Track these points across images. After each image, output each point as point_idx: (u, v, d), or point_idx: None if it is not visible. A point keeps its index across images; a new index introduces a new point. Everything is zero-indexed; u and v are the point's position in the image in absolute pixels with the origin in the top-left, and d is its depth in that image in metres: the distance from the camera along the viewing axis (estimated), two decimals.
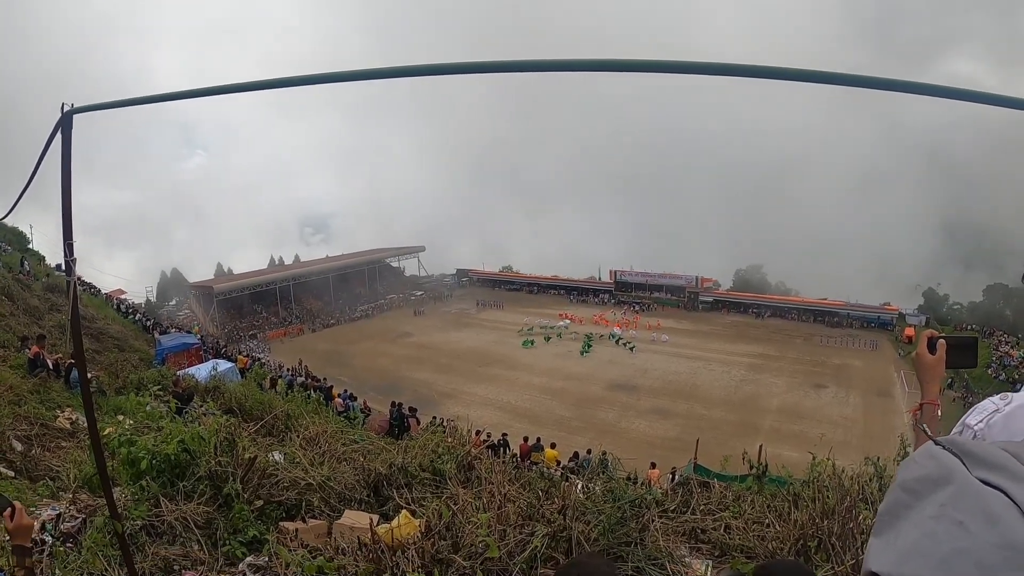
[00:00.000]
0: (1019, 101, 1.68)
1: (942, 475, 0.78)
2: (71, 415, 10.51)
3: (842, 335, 62.07)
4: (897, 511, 0.81)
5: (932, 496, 0.78)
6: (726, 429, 35.00)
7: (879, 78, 1.72)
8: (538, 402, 42.10)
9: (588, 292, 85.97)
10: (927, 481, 0.80)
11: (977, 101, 1.73)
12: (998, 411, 1.62)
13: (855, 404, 41.92)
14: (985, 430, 1.61)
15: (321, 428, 8.00)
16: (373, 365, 52.04)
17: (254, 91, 2.39)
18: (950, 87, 1.70)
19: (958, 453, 0.80)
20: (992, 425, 1.60)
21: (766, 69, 1.77)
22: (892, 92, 1.77)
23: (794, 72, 1.80)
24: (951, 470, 0.78)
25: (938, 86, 1.73)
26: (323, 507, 5.73)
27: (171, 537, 4.92)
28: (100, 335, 26.03)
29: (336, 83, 2.22)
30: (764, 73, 1.76)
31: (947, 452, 0.81)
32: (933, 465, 0.81)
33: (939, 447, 0.82)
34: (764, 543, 5.12)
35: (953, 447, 0.81)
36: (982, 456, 0.78)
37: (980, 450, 0.79)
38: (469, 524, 4.63)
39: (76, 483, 6.12)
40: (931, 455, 0.82)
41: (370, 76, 2.14)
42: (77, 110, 2.84)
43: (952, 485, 0.76)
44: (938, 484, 0.78)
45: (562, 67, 1.97)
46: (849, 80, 1.74)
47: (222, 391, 15.32)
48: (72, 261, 3.16)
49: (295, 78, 2.21)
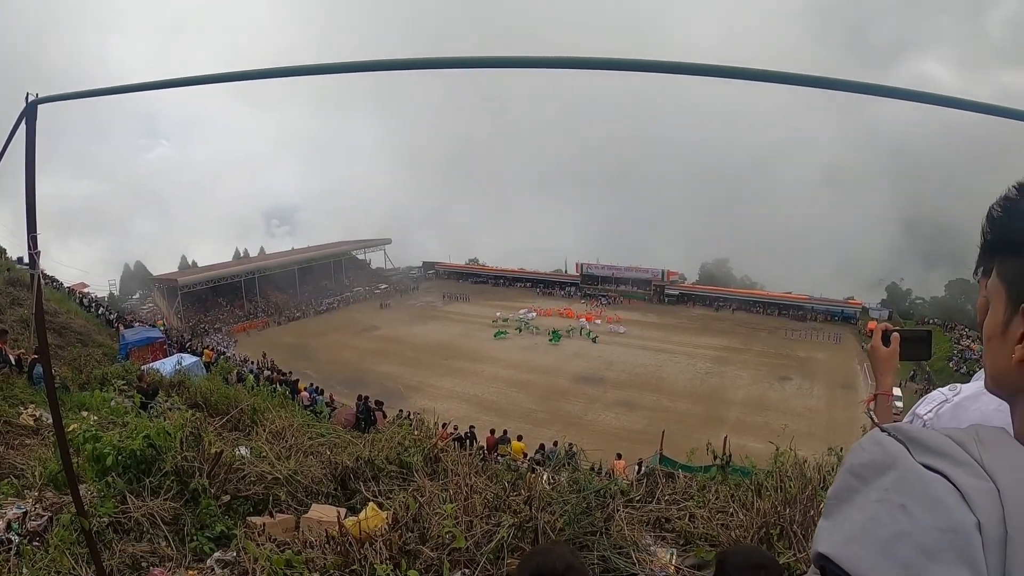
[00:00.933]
0: (984, 106, 1.76)
1: (886, 461, 0.81)
2: (35, 412, 10.32)
3: (806, 328, 62.83)
4: (844, 495, 0.83)
5: (877, 481, 0.80)
6: (692, 421, 35.33)
7: (848, 81, 1.78)
8: (505, 395, 42.11)
9: (554, 285, 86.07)
10: (872, 466, 0.82)
11: (942, 104, 1.81)
12: (947, 401, 1.65)
13: (819, 396, 42.46)
14: (934, 419, 1.64)
15: (287, 422, 7.95)
16: (339, 358, 51.68)
17: (222, 83, 2.40)
18: (917, 91, 1.76)
19: (903, 439, 0.82)
20: (941, 415, 1.63)
21: (738, 70, 1.81)
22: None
23: (766, 73, 1.85)
24: (895, 456, 0.80)
25: (905, 89, 1.79)
26: (290, 501, 5.71)
27: (138, 534, 4.89)
28: (63, 330, 25.63)
29: (301, 76, 2.24)
30: (735, 74, 1.81)
31: (892, 438, 0.83)
32: (878, 451, 0.83)
33: (884, 433, 0.85)
34: (728, 531, 5.21)
35: (898, 434, 0.83)
36: (925, 442, 0.80)
37: (924, 436, 0.82)
38: (436, 516, 4.66)
39: (42, 481, 6.03)
40: (877, 441, 0.85)
41: (338, 70, 2.17)
42: (42, 100, 2.82)
43: (895, 470, 0.79)
44: (882, 469, 0.80)
45: (530, 64, 2.01)
46: (818, 82, 1.79)
47: (187, 385, 15.13)
48: (36, 254, 3.14)
49: (263, 71, 2.21)
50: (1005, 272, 0.94)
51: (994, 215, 0.96)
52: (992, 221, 0.97)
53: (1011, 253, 0.93)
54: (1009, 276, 0.94)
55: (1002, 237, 0.95)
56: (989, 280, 0.99)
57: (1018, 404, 0.95)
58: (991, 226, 0.97)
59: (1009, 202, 0.95)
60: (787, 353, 54.60)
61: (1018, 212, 0.93)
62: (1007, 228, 0.94)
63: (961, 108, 1.84)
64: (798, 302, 71.41)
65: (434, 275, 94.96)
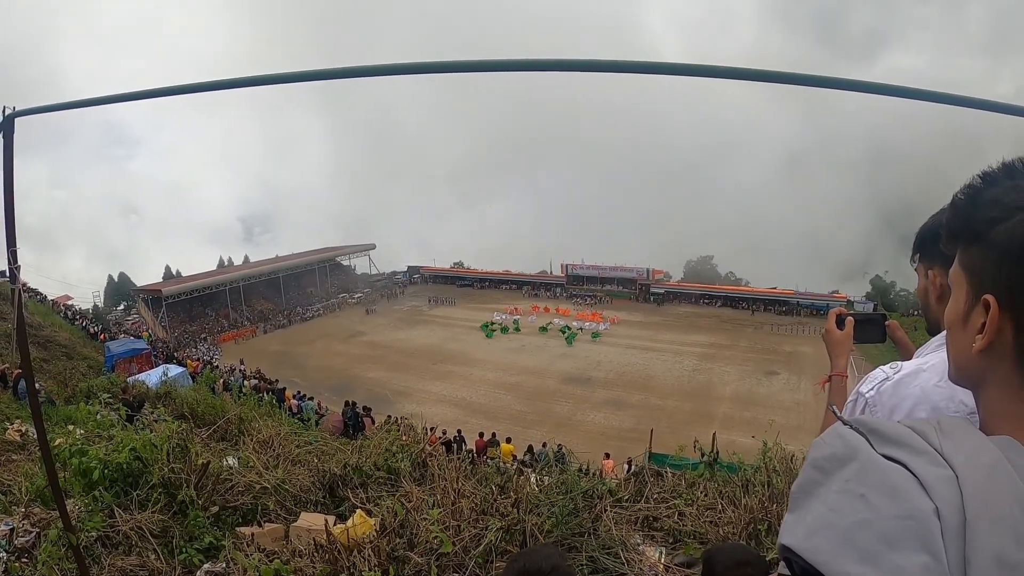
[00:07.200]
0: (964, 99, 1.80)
1: (847, 453, 0.82)
2: (20, 427, 10.28)
3: (792, 323, 62.77)
4: (807, 488, 0.84)
5: (838, 473, 0.81)
6: (680, 418, 35.32)
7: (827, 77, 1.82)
8: (493, 397, 41.92)
9: (540, 286, 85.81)
10: (834, 459, 0.83)
11: (921, 99, 1.85)
12: (888, 379, 1.69)
13: (806, 389, 42.36)
14: (876, 397, 1.67)
15: (275, 431, 7.92)
16: (326, 365, 51.32)
17: (202, 92, 2.41)
18: (895, 85, 1.80)
19: (864, 431, 0.83)
20: (882, 392, 1.67)
21: (719, 69, 1.84)
22: None
23: (743, 72, 1.89)
24: (856, 448, 0.82)
25: (884, 84, 1.82)
26: (279, 510, 5.71)
27: (127, 547, 4.88)
28: (47, 343, 25.49)
29: (282, 84, 2.25)
30: (715, 73, 1.84)
31: (853, 431, 0.85)
32: (840, 444, 0.84)
33: (846, 426, 0.86)
34: (716, 528, 5.25)
35: (860, 426, 0.85)
36: (886, 433, 0.82)
37: (884, 428, 0.83)
38: (423, 521, 4.68)
39: (28, 496, 5.99)
40: (838, 434, 0.86)
41: (324, 76, 2.19)
42: (19, 113, 2.81)
43: (856, 461, 0.80)
44: (844, 461, 0.81)
45: (510, 67, 2.04)
46: (797, 79, 1.83)
47: (173, 396, 15.04)
48: (16, 268, 3.13)
49: (244, 79, 2.24)
50: (967, 261, 0.95)
51: (957, 203, 0.96)
52: (955, 208, 0.97)
53: (973, 242, 0.93)
54: (970, 265, 0.94)
55: (965, 225, 0.95)
56: (951, 268, 0.99)
57: (981, 393, 0.96)
58: (954, 213, 0.97)
59: (973, 190, 0.94)
60: (773, 348, 54.69)
61: (981, 200, 0.92)
62: (970, 217, 0.93)
63: (938, 102, 1.88)
64: (783, 297, 71.61)
65: (419, 279, 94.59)
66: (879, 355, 3.07)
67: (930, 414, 1.53)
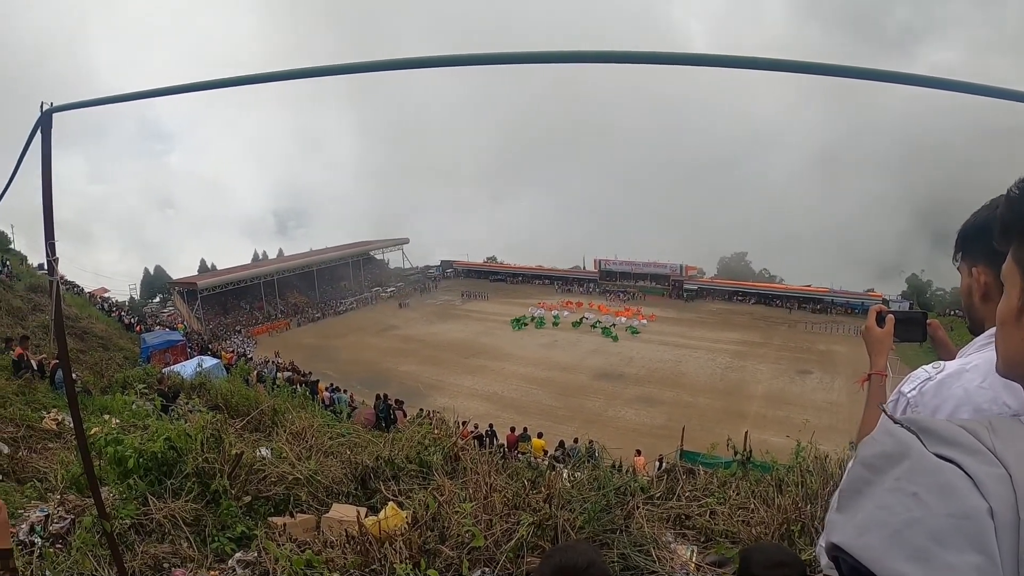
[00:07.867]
0: (1000, 90, 1.73)
1: (899, 451, 0.81)
2: (57, 416, 10.42)
3: (826, 321, 62.19)
4: (857, 487, 0.84)
5: (890, 471, 0.80)
6: (712, 416, 35.11)
7: (866, 69, 1.75)
8: (524, 392, 42.00)
9: (573, 282, 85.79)
10: (885, 457, 0.82)
11: (961, 91, 1.77)
12: (930, 379, 1.67)
13: (840, 389, 41.91)
14: (918, 396, 1.66)
15: (308, 423, 7.96)
16: (359, 358, 51.77)
17: (235, 87, 2.39)
18: (933, 76, 1.73)
19: (915, 430, 0.82)
20: (925, 392, 1.65)
21: (754, 60, 1.79)
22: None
23: (785, 63, 1.83)
24: (908, 446, 0.81)
25: (922, 76, 1.75)
26: (311, 501, 5.74)
27: (160, 535, 4.93)
28: (84, 334, 25.87)
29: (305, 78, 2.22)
30: (751, 64, 1.79)
31: (904, 429, 0.83)
32: (891, 442, 0.83)
33: (897, 425, 0.85)
34: (748, 528, 5.18)
35: (911, 424, 0.83)
36: (938, 432, 0.81)
37: (936, 426, 0.82)
38: (455, 514, 4.66)
39: (64, 484, 6.09)
40: (889, 432, 0.85)
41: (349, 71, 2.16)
42: (57, 108, 2.82)
43: (908, 460, 0.79)
44: (895, 460, 0.81)
45: (542, 59, 1.99)
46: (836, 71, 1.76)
47: (208, 388, 15.24)
48: (54, 260, 3.15)
49: (275, 73, 2.20)
50: (1021, 256, 0.93)
51: (1013, 197, 0.94)
52: (1011, 203, 0.94)
53: None
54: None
55: (1020, 220, 0.93)
56: (1003, 264, 0.97)
57: None
58: (1009, 208, 0.95)
59: None
60: (807, 347, 54.15)
61: None
62: None
63: (983, 95, 1.81)
64: (818, 295, 70.83)
65: (452, 274, 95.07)
66: (915, 355, 2.99)
67: (973, 415, 1.51)
